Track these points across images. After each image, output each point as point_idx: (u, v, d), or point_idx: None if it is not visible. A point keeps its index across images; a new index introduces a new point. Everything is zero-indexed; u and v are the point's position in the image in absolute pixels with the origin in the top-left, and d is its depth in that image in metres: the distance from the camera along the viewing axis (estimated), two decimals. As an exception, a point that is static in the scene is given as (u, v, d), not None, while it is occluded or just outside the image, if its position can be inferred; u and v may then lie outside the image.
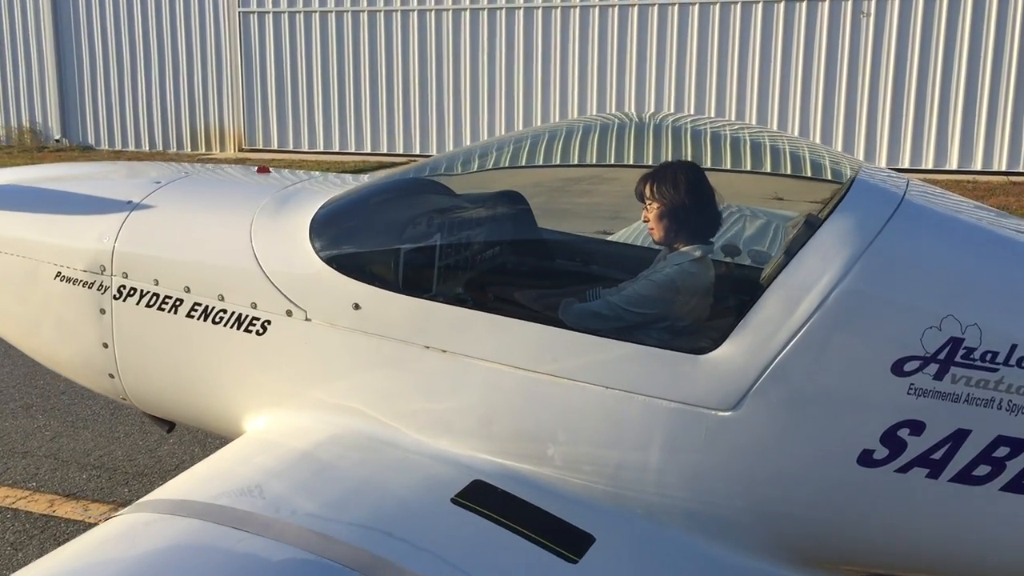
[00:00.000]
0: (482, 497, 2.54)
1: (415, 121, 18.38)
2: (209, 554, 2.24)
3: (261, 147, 19.37)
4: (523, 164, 3.45)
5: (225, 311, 3.08)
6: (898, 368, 2.34)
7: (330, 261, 2.92)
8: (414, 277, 2.90)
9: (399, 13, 18.26)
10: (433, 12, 18.08)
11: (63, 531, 4.00)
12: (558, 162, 3.41)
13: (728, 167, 3.24)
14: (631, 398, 2.53)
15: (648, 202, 2.89)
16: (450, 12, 17.98)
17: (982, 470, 2.35)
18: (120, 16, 20.10)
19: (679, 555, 2.56)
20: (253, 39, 19.25)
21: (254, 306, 3.01)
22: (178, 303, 3.16)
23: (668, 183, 2.87)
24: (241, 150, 19.45)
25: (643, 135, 3.32)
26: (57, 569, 2.18)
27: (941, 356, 2.32)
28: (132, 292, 3.24)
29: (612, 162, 3.32)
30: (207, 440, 4.76)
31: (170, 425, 3.70)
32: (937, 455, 2.36)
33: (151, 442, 4.86)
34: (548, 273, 3.22)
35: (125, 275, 3.25)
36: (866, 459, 2.39)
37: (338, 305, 2.87)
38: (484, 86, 17.88)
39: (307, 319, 2.93)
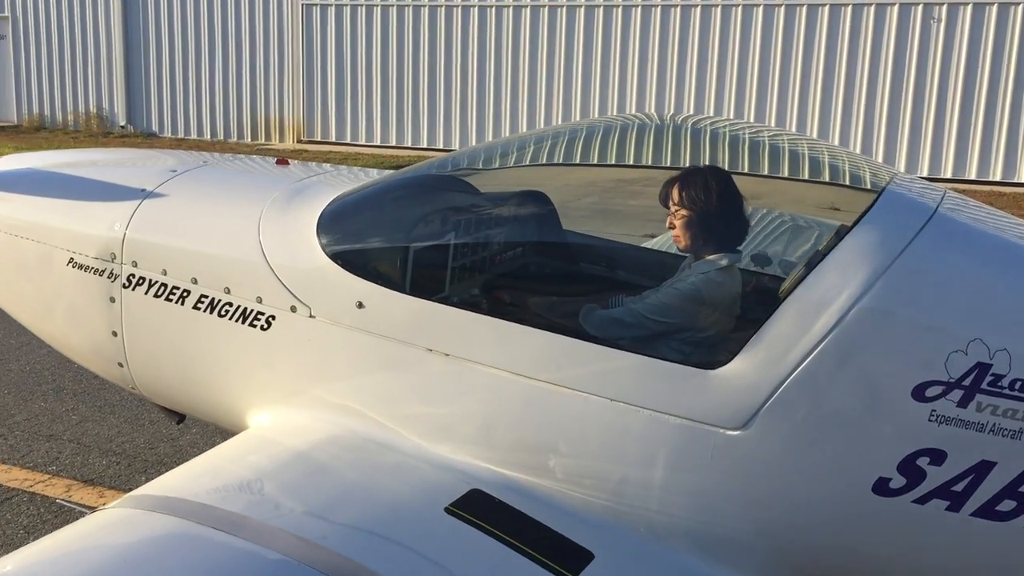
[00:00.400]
0: (478, 507, 2.45)
1: (472, 116, 18.36)
2: (183, 554, 2.18)
3: (319, 139, 19.52)
4: (547, 162, 3.34)
5: (231, 304, 3.02)
6: (919, 393, 2.18)
7: (335, 257, 2.84)
8: (418, 277, 2.81)
9: (459, 8, 18.26)
10: (494, 8, 18.03)
11: (76, 517, 3.99)
12: (596, 161, 3.28)
13: (766, 173, 3.10)
14: (635, 411, 2.41)
15: (674, 208, 2.76)
16: (510, 8, 17.91)
17: (1007, 505, 2.19)
18: (187, 5, 20.41)
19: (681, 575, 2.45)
20: (315, 31, 19.41)
21: (259, 300, 2.95)
22: (185, 294, 3.11)
23: (698, 188, 2.73)
24: (300, 141, 19.63)
25: (665, 137, 3.18)
26: (31, 559, 2.14)
27: (966, 382, 2.16)
28: (141, 281, 3.20)
29: (632, 164, 3.19)
30: (229, 432, 4.72)
31: (180, 416, 3.66)
32: (959, 487, 2.20)
33: (174, 431, 4.85)
34: (559, 278, 3.10)
35: (135, 264, 3.21)
36: (882, 488, 2.24)
37: (341, 303, 2.80)
38: (542, 82, 17.77)
39: (311, 316, 2.86)
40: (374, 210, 3.07)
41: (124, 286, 3.24)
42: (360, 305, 2.76)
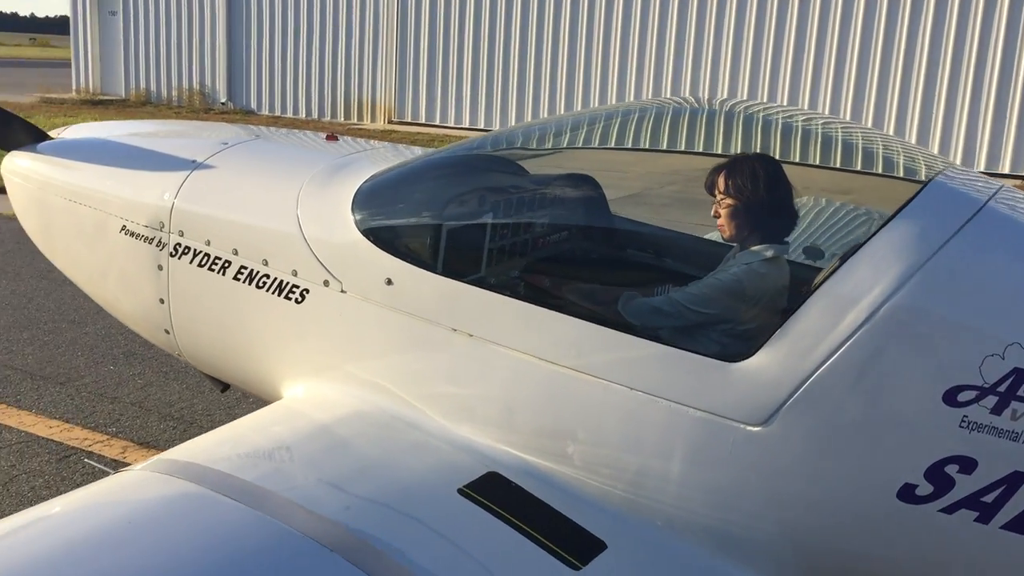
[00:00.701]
0: (492, 490, 2.42)
1: (560, 100, 18.29)
2: (189, 518, 2.21)
3: (409, 120, 19.74)
4: (599, 146, 3.27)
5: (268, 276, 3.05)
6: (951, 397, 2.07)
7: (367, 233, 2.84)
8: (445, 256, 2.79)
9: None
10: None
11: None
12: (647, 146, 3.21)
13: (817, 162, 2.98)
14: (655, 402, 2.35)
15: (719, 197, 2.67)
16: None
17: None
18: (287, -14, 20.85)
19: (696, 573, 2.38)
20: (409, 13, 19.59)
21: (295, 273, 2.98)
22: (226, 265, 3.16)
23: (745, 177, 2.64)
24: (390, 122, 19.87)
25: (716, 123, 3.08)
26: (38, 516, 2.20)
27: (1001, 388, 2.03)
28: (186, 250, 3.27)
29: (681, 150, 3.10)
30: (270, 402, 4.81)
31: (224, 385, 3.73)
32: (989, 498, 2.08)
33: (231, 399, 4.95)
34: (588, 263, 3.04)
35: (181, 233, 3.28)
36: (907, 494, 2.13)
37: (371, 279, 2.80)
38: (632, 66, 17.57)
39: (342, 291, 2.87)
40: (408, 188, 3.06)
41: (171, 255, 3.31)
42: (389, 282, 2.75)
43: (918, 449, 2.10)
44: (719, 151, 2.97)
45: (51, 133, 4.02)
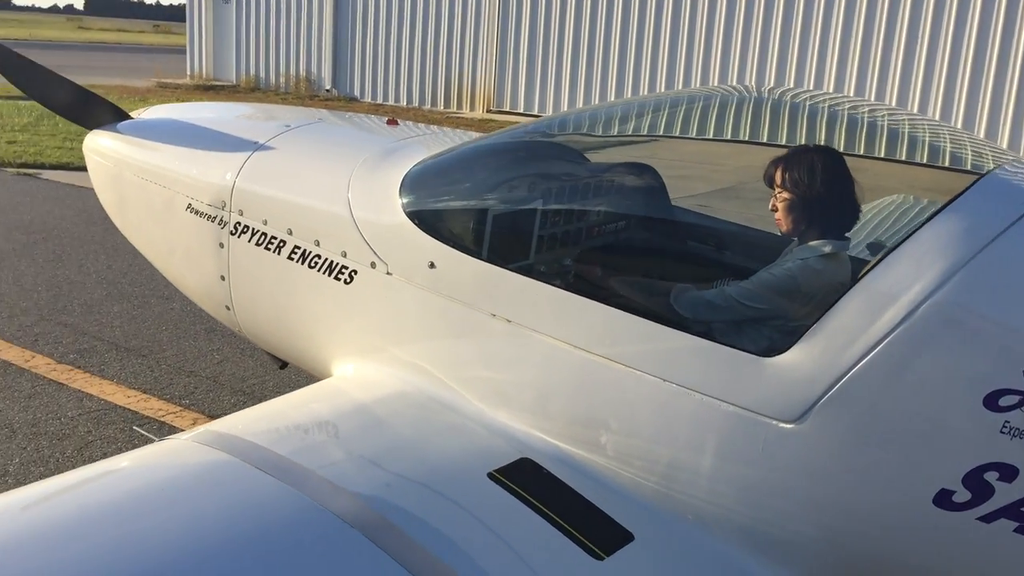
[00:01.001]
0: (523, 476, 2.41)
1: (661, 87, 18.07)
2: (217, 487, 2.26)
3: (508, 109, 19.80)
4: (664, 135, 3.21)
5: (319, 256, 3.10)
6: (992, 401, 1.96)
7: (412, 216, 2.86)
8: (485, 241, 2.78)
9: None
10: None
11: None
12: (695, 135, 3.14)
13: (882, 155, 2.86)
14: (687, 395, 2.29)
15: (777, 190, 2.60)
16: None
17: None
18: (392, -25, 21.16)
19: (724, 570, 2.32)
20: (511, 3, 19.62)
21: (344, 255, 3.02)
22: (281, 244, 3.23)
23: (803, 170, 2.56)
24: (489, 111, 19.98)
25: (782, 113, 2.98)
26: (72, 481, 2.29)
27: None
28: (245, 229, 3.35)
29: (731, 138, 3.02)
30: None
31: (282, 363, 3.82)
32: None
33: (301, 377, 5.05)
34: (628, 253, 2.98)
35: (240, 212, 3.36)
36: (944, 500, 2.03)
37: (415, 261, 2.82)
38: (736, 57, 17.24)
39: (388, 273, 2.90)
40: (452, 172, 3.06)
41: (231, 233, 3.40)
42: (432, 265, 2.77)
43: (956, 454, 2.00)
44: (783, 142, 2.89)
45: (132, 114, 4.18)
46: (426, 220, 2.85)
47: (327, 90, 22.64)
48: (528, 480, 2.38)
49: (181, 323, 5.99)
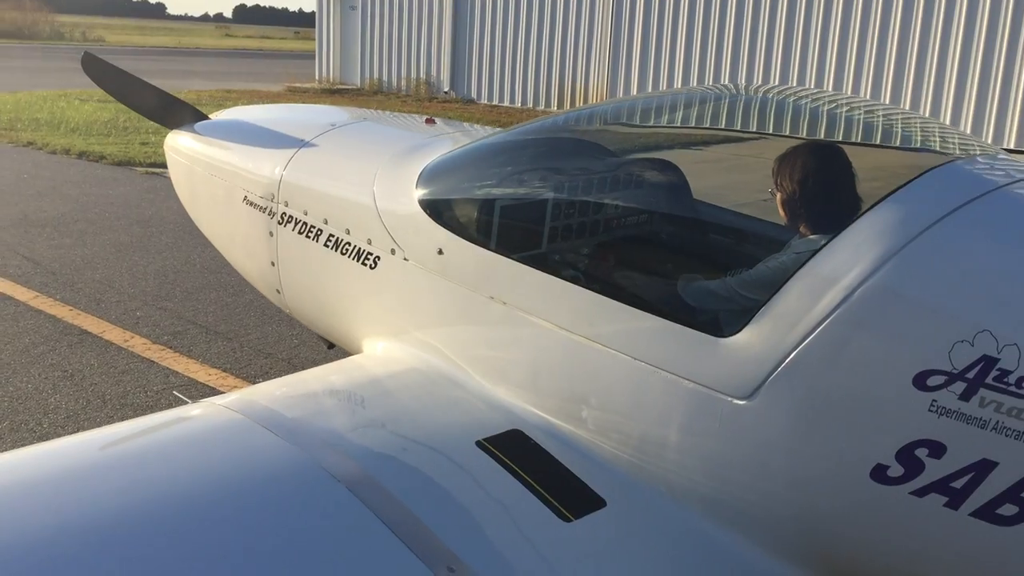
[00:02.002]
0: (510, 446, 2.59)
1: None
2: (224, 442, 2.54)
3: (620, 109, 19.86)
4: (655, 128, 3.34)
5: (350, 244, 3.39)
6: (921, 381, 2.05)
7: (424, 206, 3.10)
8: (486, 229, 3.00)
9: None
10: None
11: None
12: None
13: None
14: (655, 372, 2.46)
15: (773, 187, 2.74)
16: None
17: (1008, 510, 2.01)
18: (509, -21, 21.54)
19: (688, 538, 2.46)
20: (624, 2, 19.69)
21: (369, 242, 3.29)
22: (319, 233, 3.53)
23: (794, 166, 2.69)
24: (601, 111, 20.08)
25: (750, 110, 3.10)
26: (97, 437, 2.61)
27: (970, 375, 2.00)
28: (290, 219, 3.67)
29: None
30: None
31: (329, 343, 4.13)
32: (958, 484, 2.05)
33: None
34: (610, 241, 3.13)
35: (286, 203, 3.69)
36: (880, 475, 2.13)
37: (427, 248, 3.06)
38: (850, 61, 16.82)
39: (405, 259, 3.15)
40: (460, 166, 3.28)
41: (279, 222, 3.74)
42: (440, 251, 3.00)
43: (889, 431, 2.10)
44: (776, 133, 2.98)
45: (211, 115, 4.58)
46: (435, 210, 3.09)
47: (445, 92, 23.21)
48: (514, 450, 2.57)
49: (267, 310, 6.43)
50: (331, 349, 4.25)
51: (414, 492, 2.35)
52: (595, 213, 3.07)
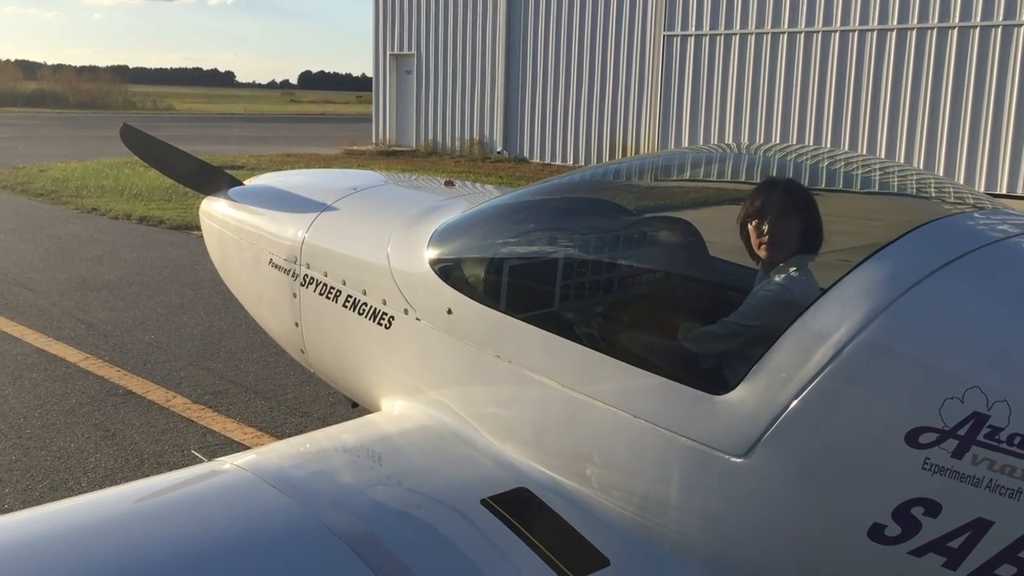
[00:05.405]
0: (516, 503, 2.60)
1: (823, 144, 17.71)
2: (230, 502, 2.60)
3: (671, 166, 19.90)
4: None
5: (366, 304, 3.47)
6: (913, 438, 2.03)
7: (433, 266, 3.17)
8: (490, 288, 3.05)
9: (828, 34, 17.71)
10: (856, 33, 17.27)
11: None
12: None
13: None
14: (654, 430, 2.46)
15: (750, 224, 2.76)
16: (874, 32, 17.04)
17: (1006, 571, 1.97)
18: (560, 42, 21.93)
19: None
20: (674, 62, 19.87)
21: (384, 303, 3.36)
22: (338, 293, 3.62)
23: (752, 206, 2.72)
24: (652, 168, 20.15)
25: (750, 168, 3.13)
26: (113, 494, 2.69)
27: (961, 432, 1.97)
28: (312, 281, 3.77)
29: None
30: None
31: (353, 402, 4.19)
32: (955, 543, 2.01)
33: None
34: (611, 300, 3.15)
35: (308, 266, 3.79)
36: (877, 534, 2.10)
37: (437, 308, 3.12)
38: (904, 111, 16.69)
39: (417, 318, 3.21)
40: (468, 228, 3.35)
41: (301, 284, 3.83)
42: (449, 311, 3.06)
43: (884, 490, 2.07)
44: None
45: (245, 181, 4.74)
46: (444, 270, 3.15)
47: (498, 152, 23.54)
48: (519, 508, 2.58)
49: (306, 370, 6.52)
50: (355, 408, 4.31)
51: (417, 551, 2.36)
52: (594, 273, 3.10)
